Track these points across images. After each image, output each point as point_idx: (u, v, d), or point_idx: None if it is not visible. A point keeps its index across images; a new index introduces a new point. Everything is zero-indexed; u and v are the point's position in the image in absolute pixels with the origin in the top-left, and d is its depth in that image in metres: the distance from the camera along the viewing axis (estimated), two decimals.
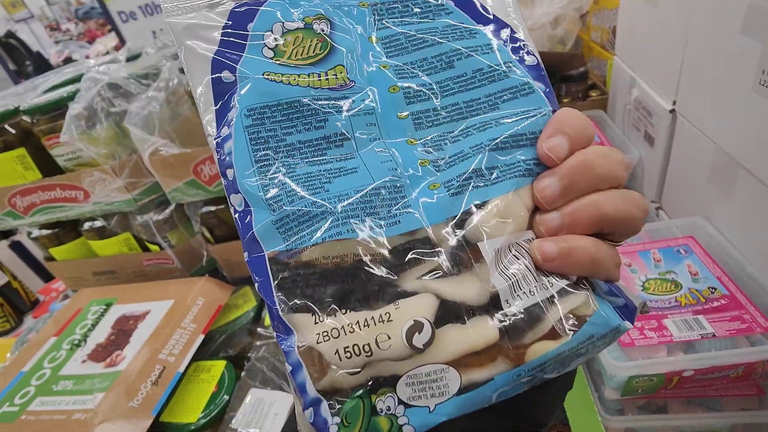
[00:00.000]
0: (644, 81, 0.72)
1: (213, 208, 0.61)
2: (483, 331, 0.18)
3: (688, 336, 0.46)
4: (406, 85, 0.22)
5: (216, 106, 0.21)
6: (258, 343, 0.55)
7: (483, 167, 0.20)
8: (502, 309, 0.19)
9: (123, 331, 0.55)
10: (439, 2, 0.23)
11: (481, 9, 0.23)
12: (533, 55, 0.23)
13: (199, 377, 0.53)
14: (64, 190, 0.61)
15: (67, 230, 0.70)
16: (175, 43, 0.22)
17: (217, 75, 0.21)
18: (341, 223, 0.19)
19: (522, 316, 0.18)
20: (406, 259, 0.19)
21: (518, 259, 0.20)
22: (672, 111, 0.63)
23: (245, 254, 0.20)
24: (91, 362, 0.53)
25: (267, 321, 0.58)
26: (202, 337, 0.53)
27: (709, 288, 0.50)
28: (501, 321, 0.18)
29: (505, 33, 0.23)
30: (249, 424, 0.47)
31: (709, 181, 0.57)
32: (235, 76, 0.21)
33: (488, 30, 0.23)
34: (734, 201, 0.53)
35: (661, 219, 0.70)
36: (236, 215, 0.20)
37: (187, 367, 0.52)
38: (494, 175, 0.20)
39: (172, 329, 0.53)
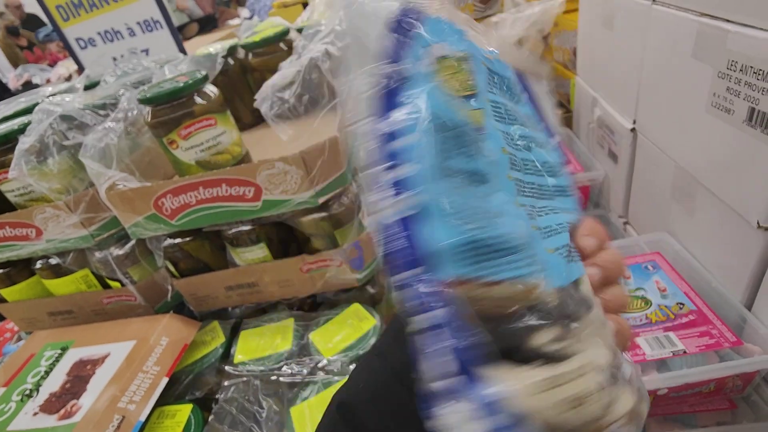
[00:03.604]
0: (605, 100, 0.74)
1: (177, 241, 0.59)
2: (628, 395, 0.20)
3: (661, 354, 0.47)
4: (510, 150, 0.22)
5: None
6: (227, 383, 0.52)
7: (570, 243, 0.22)
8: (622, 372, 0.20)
9: (79, 377, 0.52)
10: (520, 92, 0.25)
11: (540, 111, 0.26)
12: (568, 167, 0.27)
13: (163, 424, 0.49)
14: (14, 228, 0.58)
15: (19, 269, 0.66)
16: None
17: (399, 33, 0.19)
18: (521, 266, 0.18)
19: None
20: (566, 313, 0.19)
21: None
22: (633, 130, 0.65)
23: (406, 274, 0.17)
24: (44, 414, 0.49)
25: (236, 359, 0.56)
26: (166, 380, 0.50)
27: (677, 303, 0.51)
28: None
29: (554, 140, 0.26)
30: None
31: (671, 198, 0.59)
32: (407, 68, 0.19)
33: (545, 131, 0.26)
34: (696, 217, 0.55)
35: (629, 234, 0.72)
36: (398, 220, 0.17)
37: (150, 414, 0.49)
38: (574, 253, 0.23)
39: (133, 373, 0.49)
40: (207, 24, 2.96)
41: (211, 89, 0.55)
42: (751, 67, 0.41)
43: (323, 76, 0.47)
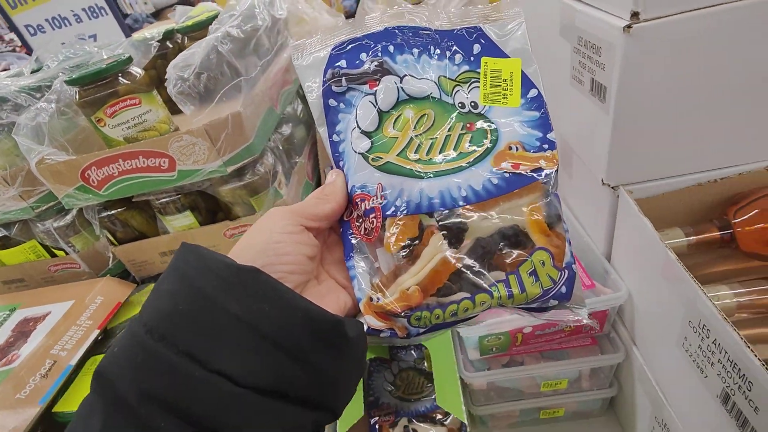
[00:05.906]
0: None
1: (111, 212, 0.64)
2: None
3: None
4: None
5: None
6: None
7: None
8: None
9: (22, 332, 0.58)
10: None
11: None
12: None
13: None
14: None
15: None
16: None
17: None
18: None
19: None
20: None
21: None
22: None
23: None
24: None
25: None
26: (97, 332, 0.56)
27: None
28: None
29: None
30: None
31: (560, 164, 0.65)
32: None
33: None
34: (573, 180, 0.61)
35: None
36: None
37: (84, 362, 0.55)
38: None
39: (67, 327, 0.56)
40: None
41: (136, 70, 0.60)
42: (590, 42, 0.47)
43: (222, 56, 0.52)
